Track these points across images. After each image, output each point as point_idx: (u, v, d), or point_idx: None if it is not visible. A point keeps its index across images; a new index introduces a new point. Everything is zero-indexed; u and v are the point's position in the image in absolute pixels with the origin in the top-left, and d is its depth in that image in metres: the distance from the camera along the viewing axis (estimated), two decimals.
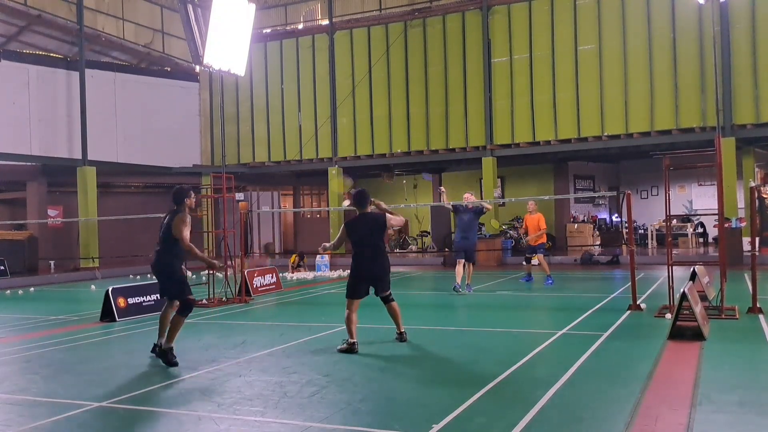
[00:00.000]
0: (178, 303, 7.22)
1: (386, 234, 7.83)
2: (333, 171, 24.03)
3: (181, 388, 6.01)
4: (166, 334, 7.07)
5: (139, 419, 5.17)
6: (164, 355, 6.97)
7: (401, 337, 7.81)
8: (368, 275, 7.67)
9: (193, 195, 7.43)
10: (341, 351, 7.34)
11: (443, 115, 22.67)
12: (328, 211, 24.38)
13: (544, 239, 14.80)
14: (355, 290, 7.64)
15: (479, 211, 13.17)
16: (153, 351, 7.32)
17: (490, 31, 21.90)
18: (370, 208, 7.85)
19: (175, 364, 6.86)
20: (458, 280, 12.63)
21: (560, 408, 5.06)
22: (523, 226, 15.15)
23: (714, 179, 12.11)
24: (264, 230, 28.35)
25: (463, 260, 12.80)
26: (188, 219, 7.22)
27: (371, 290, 7.75)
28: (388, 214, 7.80)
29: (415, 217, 27.70)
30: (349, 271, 7.96)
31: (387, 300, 7.80)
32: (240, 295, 12.64)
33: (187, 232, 7.12)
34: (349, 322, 7.51)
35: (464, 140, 22.33)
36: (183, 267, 7.41)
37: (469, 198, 13.46)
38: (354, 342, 7.41)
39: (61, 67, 22.58)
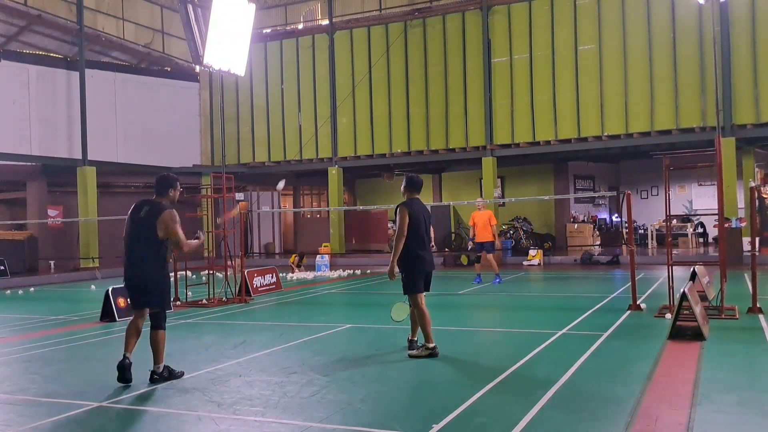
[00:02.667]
0: (146, 314, 6.31)
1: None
2: (333, 171, 24.03)
3: (181, 388, 6.01)
4: (142, 356, 6.27)
5: (139, 419, 5.17)
6: (170, 376, 6.27)
7: (411, 345, 7.29)
8: (428, 267, 7.18)
9: (178, 186, 6.45)
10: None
11: (443, 115, 22.67)
12: (328, 211, 24.38)
13: (491, 238, 14.29)
14: (419, 284, 7.06)
15: None
16: (123, 379, 6.09)
17: (490, 31, 21.90)
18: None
19: (182, 374, 6.36)
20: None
21: (560, 408, 5.05)
22: (471, 223, 14.55)
23: (714, 179, 12.11)
24: (264, 230, 28.35)
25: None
26: (177, 216, 6.23)
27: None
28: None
29: None
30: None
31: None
32: (240, 295, 12.64)
33: (181, 231, 6.21)
34: (424, 321, 6.95)
35: (464, 140, 22.33)
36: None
37: None
38: (434, 346, 6.95)
39: (61, 67, 22.58)
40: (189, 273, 13.58)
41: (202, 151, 26.01)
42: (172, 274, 12.37)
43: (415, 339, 7.39)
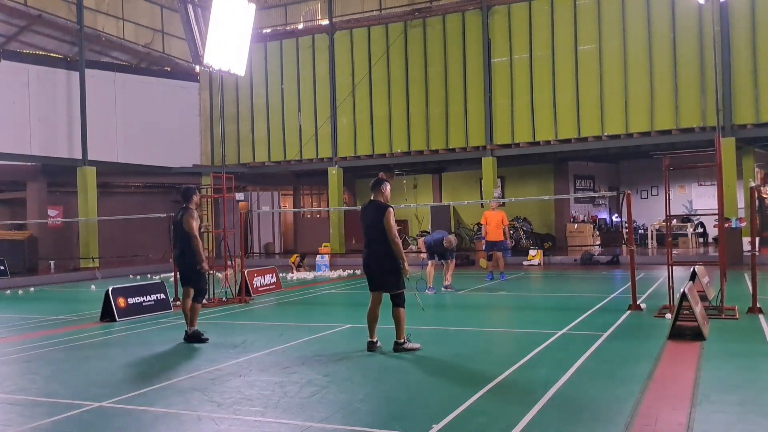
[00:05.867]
0: (191, 292, 8.47)
1: (389, 232, 7.28)
2: (333, 171, 24.03)
3: (181, 388, 6.01)
4: (189, 319, 8.40)
5: (139, 419, 5.17)
6: (195, 337, 8.25)
7: (396, 347, 7.31)
8: (365, 266, 7.56)
9: (198, 192, 8.76)
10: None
11: (443, 115, 22.66)
12: (328, 211, 24.38)
13: (503, 237, 15.21)
14: (367, 281, 7.61)
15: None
16: (187, 339, 8.32)
17: (490, 31, 21.89)
18: (384, 195, 7.56)
19: (207, 339, 8.25)
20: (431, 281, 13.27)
21: (560, 408, 5.05)
22: (484, 221, 15.49)
23: (714, 179, 12.11)
24: (264, 230, 28.35)
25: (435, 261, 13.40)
26: (196, 215, 8.49)
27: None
28: (390, 219, 7.29)
29: (416, 217, 27.70)
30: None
31: (392, 302, 7.39)
32: (240, 295, 12.64)
33: (196, 226, 8.37)
34: (367, 317, 7.50)
35: (464, 140, 22.32)
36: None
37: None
38: (369, 341, 7.42)
39: (61, 67, 22.58)
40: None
41: (202, 151, 26.01)
42: (170, 274, 12.45)
43: (400, 341, 7.36)
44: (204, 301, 12.15)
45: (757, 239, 10.35)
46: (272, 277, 14.48)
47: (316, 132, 24.44)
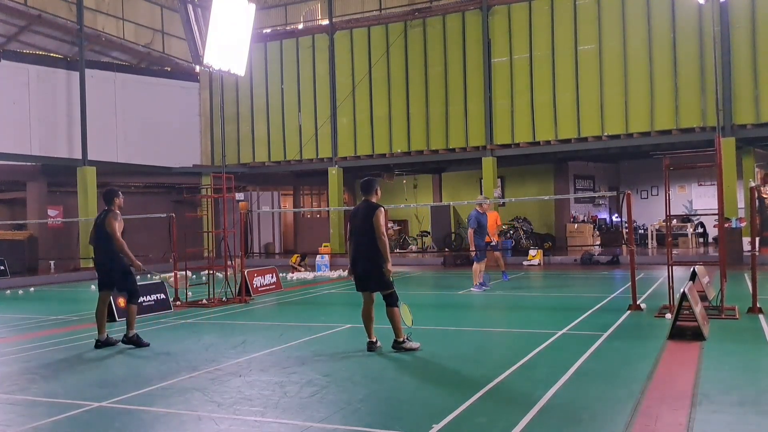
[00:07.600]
0: (107, 295, 8.47)
1: (376, 230, 7.28)
2: (333, 171, 24.03)
3: (181, 388, 6.01)
4: (102, 326, 8.29)
5: (139, 419, 5.17)
6: (136, 342, 8.08)
7: (395, 346, 7.32)
8: (352, 267, 7.62)
9: (121, 195, 8.65)
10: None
11: (443, 115, 22.66)
12: (328, 211, 24.38)
13: (497, 237, 15.49)
14: (354, 281, 7.63)
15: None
16: (98, 346, 8.15)
17: (490, 31, 21.89)
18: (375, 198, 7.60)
19: (147, 344, 8.06)
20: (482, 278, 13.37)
21: (560, 408, 5.06)
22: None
23: (714, 179, 12.11)
24: (264, 230, 28.35)
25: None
26: (119, 217, 8.35)
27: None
28: (380, 218, 7.30)
29: (415, 217, 27.71)
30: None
31: (385, 302, 7.41)
32: (240, 295, 12.64)
33: (119, 227, 8.26)
34: (362, 317, 7.54)
35: (464, 140, 22.32)
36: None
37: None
38: (369, 341, 7.43)
39: (61, 67, 22.57)
40: (189, 273, 13.56)
41: (202, 151, 26.01)
42: (170, 274, 12.44)
43: (399, 340, 7.36)
44: (204, 301, 12.28)
45: (757, 239, 10.35)
46: (272, 277, 14.48)
47: (316, 132, 24.44)
